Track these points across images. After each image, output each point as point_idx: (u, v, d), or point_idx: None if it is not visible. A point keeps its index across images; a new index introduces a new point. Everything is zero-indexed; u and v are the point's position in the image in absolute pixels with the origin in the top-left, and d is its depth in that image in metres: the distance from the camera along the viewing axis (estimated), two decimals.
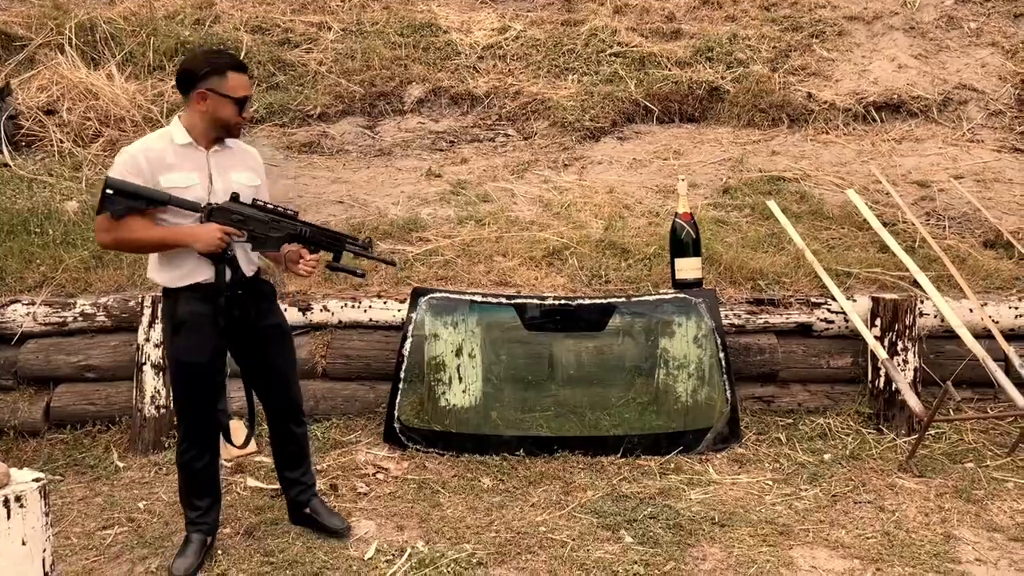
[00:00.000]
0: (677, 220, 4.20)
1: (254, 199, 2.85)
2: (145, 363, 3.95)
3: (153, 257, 2.87)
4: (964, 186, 5.42)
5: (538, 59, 6.98)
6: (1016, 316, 4.24)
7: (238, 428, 3.89)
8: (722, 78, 6.63)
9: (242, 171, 2.93)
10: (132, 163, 2.71)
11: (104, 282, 4.34)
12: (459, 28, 7.32)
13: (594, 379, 4.11)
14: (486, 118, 6.63)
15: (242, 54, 6.82)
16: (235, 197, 2.82)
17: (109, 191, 2.65)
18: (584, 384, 4.11)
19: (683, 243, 4.16)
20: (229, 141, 2.91)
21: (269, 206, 2.85)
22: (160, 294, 3.01)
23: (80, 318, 4.11)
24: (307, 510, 3.20)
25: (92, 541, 3.17)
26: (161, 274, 2.85)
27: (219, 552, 3.05)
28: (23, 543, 1.96)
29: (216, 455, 3.07)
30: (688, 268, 4.14)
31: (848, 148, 6.08)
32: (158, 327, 3.97)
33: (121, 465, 3.78)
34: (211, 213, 2.78)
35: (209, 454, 3.00)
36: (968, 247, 4.81)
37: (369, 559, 3.01)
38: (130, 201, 2.67)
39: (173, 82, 6.39)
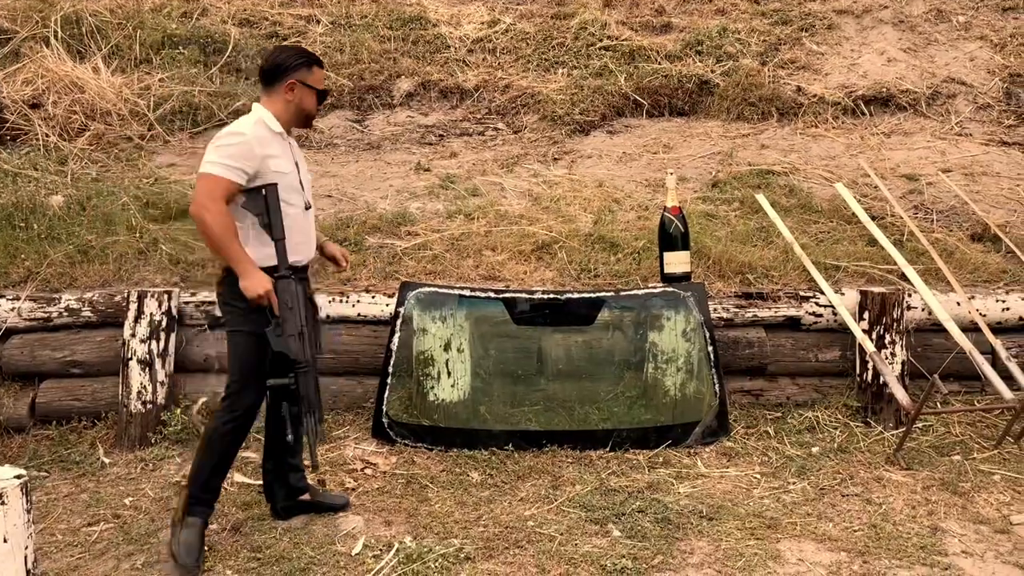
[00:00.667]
0: (666, 214, 4.19)
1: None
2: (131, 358, 3.92)
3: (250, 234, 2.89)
4: (952, 180, 5.43)
5: (528, 53, 6.96)
6: (1003, 309, 4.26)
7: None
8: (712, 72, 6.63)
9: (304, 162, 3.13)
10: (244, 146, 2.81)
11: (89, 277, 4.31)
12: (448, 21, 7.30)
13: (583, 373, 4.11)
14: (475, 112, 6.61)
15: (229, 47, 6.79)
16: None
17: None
18: (573, 378, 4.10)
19: (672, 237, 4.15)
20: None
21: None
22: (148, 289, 2.99)
23: (65, 313, 4.08)
24: (306, 496, 3.26)
25: (77, 538, 3.15)
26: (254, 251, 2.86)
27: (206, 549, 3.03)
28: (4, 540, 1.94)
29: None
30: (677, 262, 4.14)
31: (837, 142, 6.08)
32: (143, 322, 3.94)
33: (107, 461, 3.76)
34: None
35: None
36: (956, 240, 4.83)
37: (356, 555, 3.00)
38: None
39: (160, 75, 6.43)
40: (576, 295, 4.06)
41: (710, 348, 3.97)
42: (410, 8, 7.38)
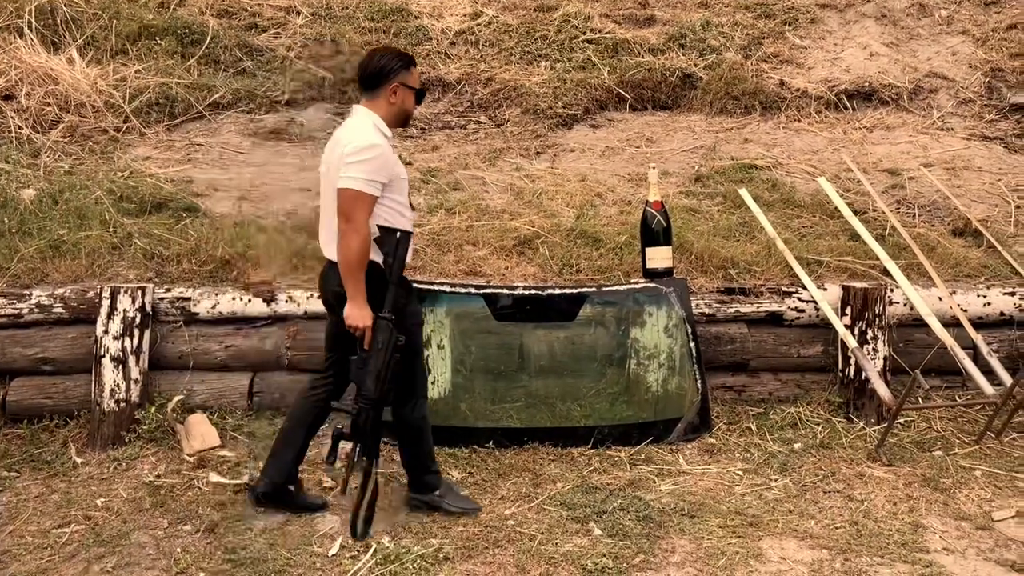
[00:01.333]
0: (648, 209, 4.15)
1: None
2: (104, 356, 3.85)
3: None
4: (934, 174, 5.43)
5: (510, 45, 6.90)
6: (984, 304, 4.25)
7: (200, 423, 3.81)
8: (695, 65, 6.59)
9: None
10: (380, 157, 2.90)
11: (61, 273, 4.22)
12: (431, 13, 7.22)
13: (565, 369, 4.07)
14: (458, 105, 6.55)
15: (208, 38, 6.68)
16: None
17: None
18: (555, 375, 4.06)
19: (654, 232, 4.12)
20: None
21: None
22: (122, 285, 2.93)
23: (36, 310, 3.99)
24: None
25: (47, 540, 3.08)
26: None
27: (179, 550, 2.98)
28: None
29: None
30: (659, 257, 4.10)
31: (820, 136, 6.07)
32: (116, 319, 3.87)
33: (79, 461, 3.68)
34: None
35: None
36: (938, 235, 4.82)
37: (333, 556, 2.95)
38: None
39: (136, 67, 6.32)
40: (558, 291, 4.02)
41: (692, 344, 3.94)
42: (392, 0, 7.29)
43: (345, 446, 2.95)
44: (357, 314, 2.90)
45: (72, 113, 5.92)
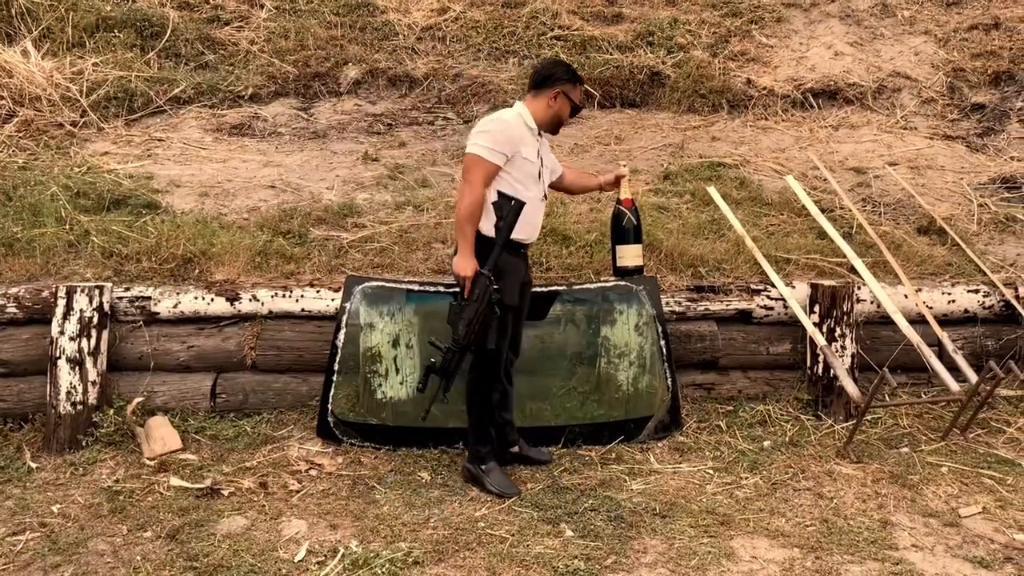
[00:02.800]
0: (618, 207, 4.11)
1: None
2: (60, 357, 3.72)
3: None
4: (898, 173, 5.48)
5: (478, 41, 6.85)
6: (949, 302, 4.30)
7: (161, 425, 3.71)
8: (663, 63, 6.60)
9: (549, 155, 3.55)
10: (505, 131, 3.23)
11: (15, 271, 4.09)
12: (397, 8, 7.14)
13: (535, 368, 4.02)
14: (425, 101, 6.48)
15: (168, 31, 6.54)
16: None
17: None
18: (525, 373, 4.01)
19: (624, 230, 4.04)
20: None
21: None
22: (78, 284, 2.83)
23: None
24: (516, 448, 3.59)
25: (1, 548, 2.97)
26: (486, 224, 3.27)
27: (139, 558, 2.88)
28: None
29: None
30: (630, 255, 4.04)
31: (787, 134, 6.11)
32: (73, 319, 3.75)
33: (34, 466, 3.56)
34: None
35: (500, 391, 3.45)
36: (903, 233, 4.87)
37: (299, 561, 2.88)
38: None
39: (94, 59, 6.15)
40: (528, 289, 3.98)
41: (662, 342, 3.92)
42: None
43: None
44: (461, 264, 3.18)
45: (27, 107, 5.76)
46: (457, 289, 3.28)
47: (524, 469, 3.56)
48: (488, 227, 3.24)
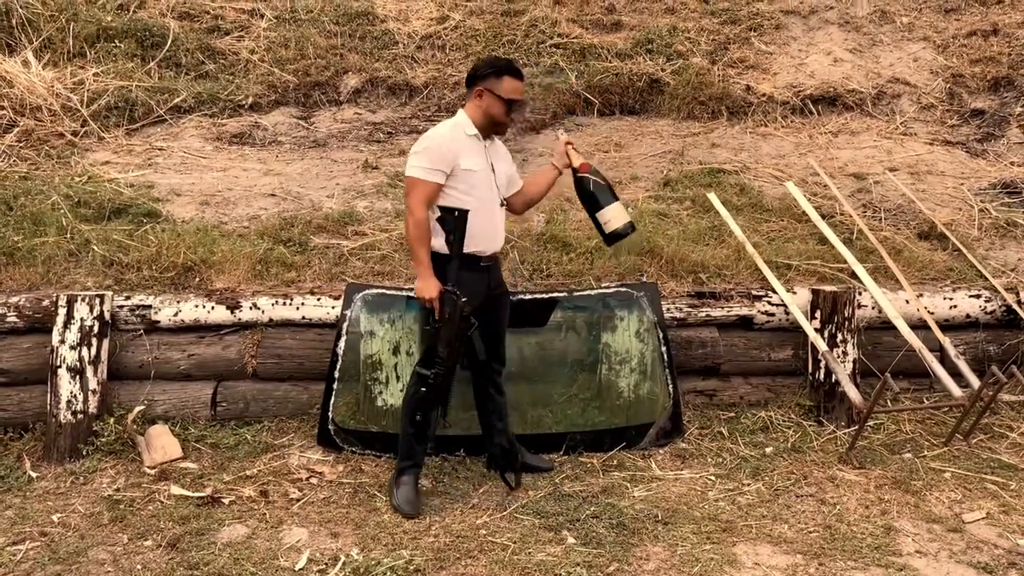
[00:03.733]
0: (577, 175, 3.44)
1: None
2: (60, 366, 3.72)
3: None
4: (899, 178, 5.49)
5: (478, 50, 6.86)
6: (950, 307, 4.29)
7: (161, 434, 3.70)
8: (662, 70, 6.61)
9: (503, 162, 3.42)
10: (438, 148, 3.15)
11: (16, 280, 4.09)
12: (397, 17, 7.16)
13: (536, 375, 4.02)
14: (425, 109, 6.49)
15: (168, 41, 6.55)
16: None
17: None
18: (526, 380, 4.01)
19: (596, 193, 3.39)
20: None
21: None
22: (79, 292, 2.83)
23: None
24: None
25: (1, 558, 2.96)
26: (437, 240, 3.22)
27: (139, 567, 2.87)
28: None
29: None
30: (614, 215, 3.38)
31: (786, 141, 6.11)
32: (73, 328, 3.74)
33: (34, 475, 3.55)
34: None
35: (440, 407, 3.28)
36: (903, 239, 4.86)
37: (300, 570, 2.87)
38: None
39: (95, 69, 6.17)
40: (529, 296, 3.98)
41: (663, 348, 3.91)
42: (357, 3, 7.21)
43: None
44: (423, 287, 3.14)
45: (28, 117, 5.77)
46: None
47: (526, 476, 3.55)
48: (440, 244, 3.19)
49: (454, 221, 3.15)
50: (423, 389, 3.15)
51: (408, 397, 3.33)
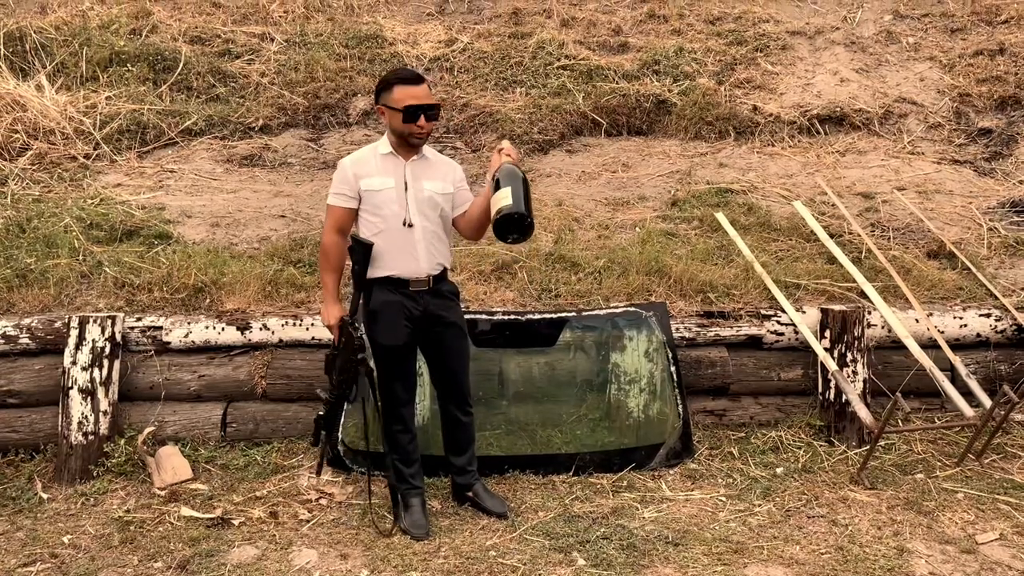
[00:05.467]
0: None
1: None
2: (72, 387, 3.74)
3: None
4: (907, 197, 5.49)
5: (486, 72, 6.92)
6: (961, 326, 4.28)
7: (171, 455, 3.71)
8: (669, 91, 6.64)
9: (435, 180, 3.28)
10: (341, 172, 3.21)
11: (28, 302, 4.12)
12: (405, 40, 7.23)
13: (545, 395, 4.02)
14: (433, 131, 6.52)
15: (180, 65, 6.63)
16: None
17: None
18: (535, 401, 4.01)
19: (497, 179, 3.02)
20: (428, 152, 3.30)
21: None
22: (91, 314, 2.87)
23: (2, 340, 3.87)
24: (469, 493, 3.46)
25: None
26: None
27: None
28: None
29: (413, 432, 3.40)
30: (504, 199, 2.95)
31: (794, 160, 6.12)
32: (85, 349, 3.77)
33: (45, 497, 3.56)
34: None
35: (411, 431, 3.38)
36: (912, 258, 4.86)
37: None
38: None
39: (107, 93, 6.24)
40: (537, 316, 3.98)
41: (673, 368, 3.91)
42: (366, 26, 7.30)
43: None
44: (324, 312, 3.26)
45: (41, 140, 5.83)
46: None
47: (534, 497, 3.54)
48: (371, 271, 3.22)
49: (361, 250, 3.17)
50: (320, 412, 3.33)
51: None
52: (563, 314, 4.01)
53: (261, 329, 4.01)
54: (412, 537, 3.20)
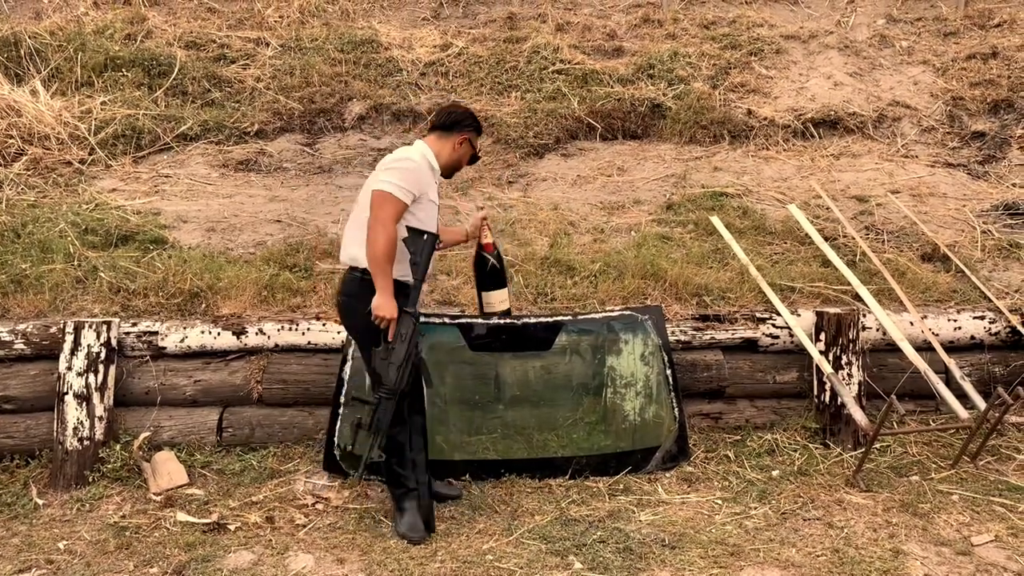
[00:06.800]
0: (481, 252, 3.70)
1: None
2: (67, 393, 3.73)
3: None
4: (901, 200, 5.51)
5: (481, 76, 6.93)
6: (955, 328, 4.29)
7: (167, 460, 3.70)
8: (664, 95, 6.66)
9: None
10: (414, 172, 3.18)
11: (23, 307, 4.11)
12: (400, 45, 7.24)
13: (541, 399, 4.02)
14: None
15: (175, 70, 6.64)
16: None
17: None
18: (531, 404, 4.01)
19: (488, 275, 3.70)
20: None
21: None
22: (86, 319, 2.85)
23: None
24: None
25: None
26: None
27: None
28: None
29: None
30: (496, 300, 3.71)
31: (788, 164, 6.14)
32: (80, 355, 3.76)
33: (41, 502, 3.55)
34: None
35: (407, 429, 3.28)
36: (907, 260, 4.87)
37: None
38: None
39: (102, 98, 6.24)
40: (533, 319, 3.99)
41: (668, 371, 3.92)
42: (361, 31, 7.31)
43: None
44: (385, 304, 3.07)
45: (36, 145, 5.83)
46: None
47: (531, 501, 3.54)
48: (395, 270, 3.16)
49: (422, 243, 3.17)
50: (358, 416, 3.19)
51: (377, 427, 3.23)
52: (559, 318, 4.02)
53: (257, 334, 4.01)
54: (409, 541, 3.20)
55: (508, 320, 3.91)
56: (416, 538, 3.21)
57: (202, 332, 3.99)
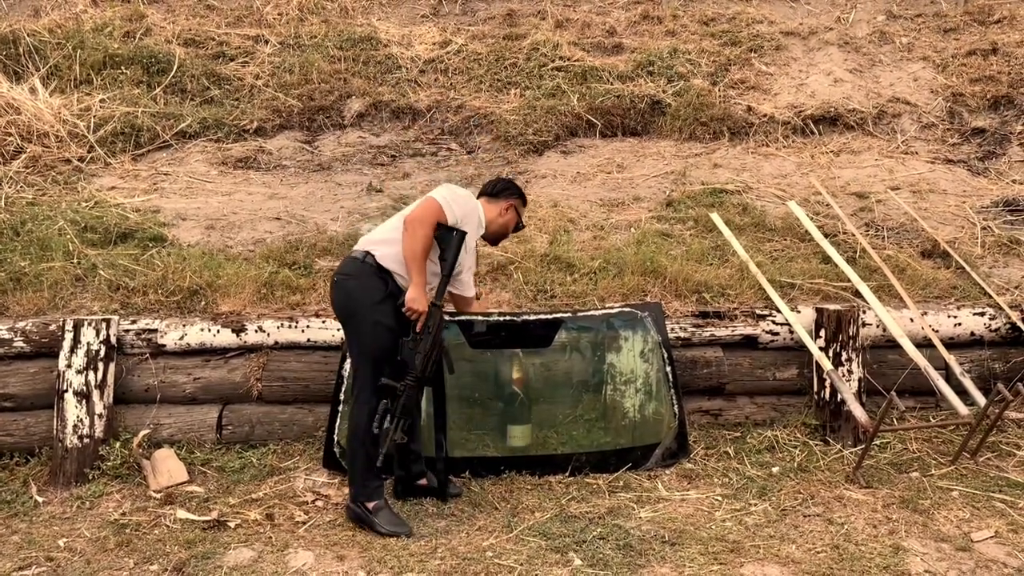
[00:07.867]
0: (512, 388, 3.91)
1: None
2: (67, 390, 3.73)
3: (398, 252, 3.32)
4: (901, 197, 5.50)
5: (480, 73, 6.93)
6: (955, 325, 4.29)
7: (167, 457, 3.70)
8: (663, 92, 6.66)
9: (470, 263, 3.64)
10: (468, 205, 3.42)
11: (22, 305, 4.11)
12: (400, 42, 7.24)
13: (541, 396, 4.02)
14: (428, 132, 6.54)
15: (174, 67, 6.63)
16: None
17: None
18: (531, 401, 4.01)
19: (517, 411, 3.90)
20: None
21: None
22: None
23: None
24: (423, 481, 3.57)
25: None
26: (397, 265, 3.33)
27: None
28: None
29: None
30: (519, 435, 3.87)
31: (788, 160, 6.14)
32: (80, 352, 3.76)
33: (40, 500, 3.55)
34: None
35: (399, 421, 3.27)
36: (907, 257, 4.87)
37: None
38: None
39: (101, 96, 6.23)
40: (533, 316, 3.98)
41: (668, 368, 3.91)
42: (361, 28, 7.30)
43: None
44: (418, 297, 3.23)
45: (35, 143, 5.83)
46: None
47: (531, 497, 3.54)
48: (390, 260, 3.30)
49: (453, 239, 3.31)
50: (385, 401, 3.21)
51: (359, 418, 3.27)
52: (559, 315, 4.01)
53: (256, 331, 4.01)
54: (400, 536, 3.20)
55: (507, 317, 3.91)
56: (404, 531, 3.22)
57: (201, 330, 3.99)
